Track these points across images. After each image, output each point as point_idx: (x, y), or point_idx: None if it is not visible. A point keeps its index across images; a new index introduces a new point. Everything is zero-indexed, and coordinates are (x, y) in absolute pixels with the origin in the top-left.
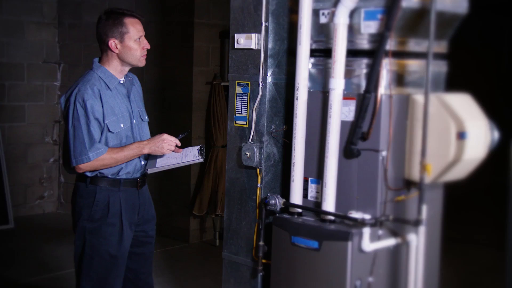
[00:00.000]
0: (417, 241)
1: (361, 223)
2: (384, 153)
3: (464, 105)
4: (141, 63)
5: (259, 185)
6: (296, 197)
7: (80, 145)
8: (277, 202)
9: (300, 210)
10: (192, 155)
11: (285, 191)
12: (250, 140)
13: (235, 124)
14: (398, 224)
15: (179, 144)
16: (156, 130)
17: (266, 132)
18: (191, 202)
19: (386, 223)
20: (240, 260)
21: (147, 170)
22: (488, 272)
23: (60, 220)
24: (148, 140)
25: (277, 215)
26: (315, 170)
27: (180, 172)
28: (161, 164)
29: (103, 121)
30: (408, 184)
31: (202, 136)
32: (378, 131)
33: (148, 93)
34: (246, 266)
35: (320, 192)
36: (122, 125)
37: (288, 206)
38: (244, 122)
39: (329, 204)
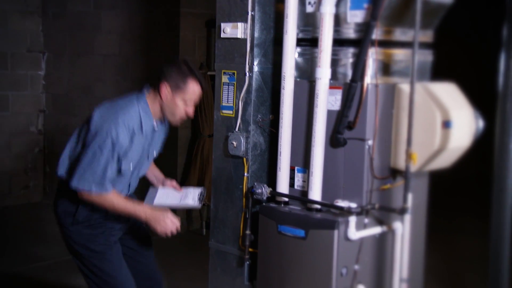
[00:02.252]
0: (403, 229)
1: (347, 212)
2: (370, 142)
3: (449, 94)
4: (175, 122)
5: (245, 174)
6: (283, 186)
7: (91, 174)
8: (264, 191)
9: (286, 199)
10: (191, 198)
11: (272, 180)
12: (236, 129)
13: (221, 114)
14: (384, 213)
15: (179, 230)
16: None
17: (253, 122)
18: None
19: (372, 211)
20: (227, 249)
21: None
22: (472, 260)
23: (45, 210)
24: (153, 211)
25: (264, 204)
26: (302, 159)
27: (166, 162)
28: (159, 202)
29: (122, 157)
30: (394, 173)
31: (188, 125)
32: (364, 120)
33: (133, 83)
34: (233, 255)
35: (306, 181)
36: (131, 166)
37: (274, 195)
38: (231, 112)
39: (315, 193)
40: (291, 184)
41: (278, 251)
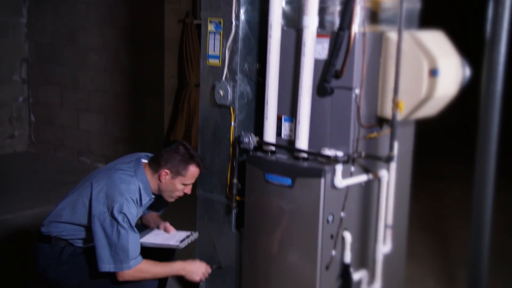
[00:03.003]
0: (388, 177)
1: (334, 160)
2: (357, 91)
3: (436, 42)
4: (171, 200)
5: (232, 123)
6: (270, 135)
7: (125, 253)
8: (251, 140)
9: (273, 148)
10: (175, 240)
11: (259, 130)
12: (223, 78)
13: (208, 63)
14: (370, 161)
15: (209, 271)
16: (129, 70)
17: (240, 71)
18: (164, 142)
19: (358, 160)
20: (214, 198)
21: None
22: (455, 205)
23: (31, 159)
24: (189, 265)
25: (251, 153)
26: (289, 108)
27: (153, 112)
28: (144, 241)
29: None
30: (381, 122)
31: (174, 75)
32: (351, 69)
33: (118, 31)
34: (220, 203)
35: (293, 130)
36: None
37: (261, 144)
38: (217, 61)
39: (302, 142)
40: (278, 133)
41: (265, 200)
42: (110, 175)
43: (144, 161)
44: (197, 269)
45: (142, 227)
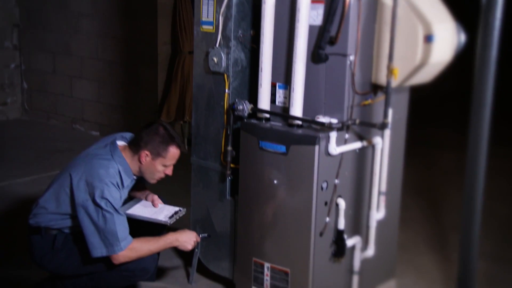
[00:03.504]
0: (383, 144)
1: (328, 127)
2: (351, 57)
3: (432, 7)
4: (152, 181)
5: (226, 90)
6: (264, 103)
7: (114, 236)
8: (245, 107)
9: (268, 115)
10: (163, 215)
11: (253, 97)
12: (217, 45)
13: (201, 29)
14: (364, 128)
15: (198, 240)
16: (122, 37)
17: (233, 37)
18: (158, 109)
19: (353, 127)
20: (208, 165)
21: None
22: (449, 173)
23: (25, 127)
24: (179, 235)
25: (245, 120)
26: (283, 75)
27: (146, 79)
28: (131, 213)
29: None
30: (375, 88)
31: (168, 42)
32: (346, 35)
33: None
34: (215, 170)
35: (287, 97)
36: None
37: (256, 111)
38: (211, 27)
39: (296, 109)
40: (273, 100)
41: (259, 167)
42: (87, 162)
43: (120, 143)
44: (189, 238)
45: (128, 198)
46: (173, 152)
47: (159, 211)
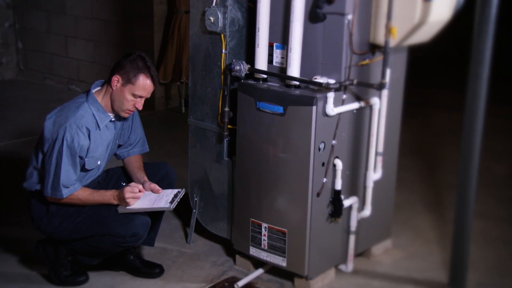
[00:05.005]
0: (380, 105)
1: (326, 88)
2: (349, 17)
3: None
4: (123, 114)
5: (223, 51)
6: (261, 63)
7: (59, 180)
8: (242, 68)
9: (265, 76)
10: (164, 201)
11: (250, 57)
12: (213, 4)
13: None
14: (362, 88)
15: (141, 195)
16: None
17: None
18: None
19: (350, 87)
20: (206, 126)
21: (117, 209)
22: (445, 132)
23: (20, 87)
24: (118, 192)
25: (242, 81)
26: (280, 35)
27: (142, 39)
28: (134, 207)
29: (85, 157)
30: (373, 48)
31: (164, 1)
32: None
33: None
34: (212, 131)
35: (285, 57)
36: (99, 162)
37: (253, 72)
38: None
39: (294, 70)
40: (270, 60)
41: (256, 128)
42: (62, 106)
43: (97, 87)
44: (125, 198)
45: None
46: (144, 81)
47: (159, 198)
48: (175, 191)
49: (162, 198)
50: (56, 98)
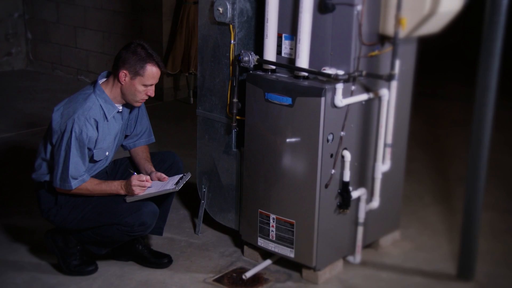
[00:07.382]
0: (389, 96)
1: (335, 79)
2: (359, 7)
3: None
4: (137, 104)
5: (232, 41)
6: (270, 54)
7: (69, 172)
8: (251, 59)
9: (273, 67)
10: (171, 184)
11: (259, 48)
12: None
13: None
14: (371, 79)
15: (149, 184)
16: None
17: None
18: (163, 61)
19: (359, 78)
20: (214, 117)
21: (125, 198)
22: (455, 124)
23: (30, 77)
24: (126, 183)
25: (251, 72)
26: (289, 26)
27: (151, 30)
28: (141, 194)
29: (93, 148)
30: (382, 39)
31: None
32: None
33: None
34: (221, 122)
35: (294, 48)
36: (107, 153)
37: (261, 62)
38: None
39: (303, 60)
40: (278, 51)
41: (265, 119)
42: (69, 98)
43: (103, 78)
44: (130, 187)
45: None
46: (151, 70)
47: (165, 183)
48: (180, 175)
49: (168, 183)
50: (65, 88)
